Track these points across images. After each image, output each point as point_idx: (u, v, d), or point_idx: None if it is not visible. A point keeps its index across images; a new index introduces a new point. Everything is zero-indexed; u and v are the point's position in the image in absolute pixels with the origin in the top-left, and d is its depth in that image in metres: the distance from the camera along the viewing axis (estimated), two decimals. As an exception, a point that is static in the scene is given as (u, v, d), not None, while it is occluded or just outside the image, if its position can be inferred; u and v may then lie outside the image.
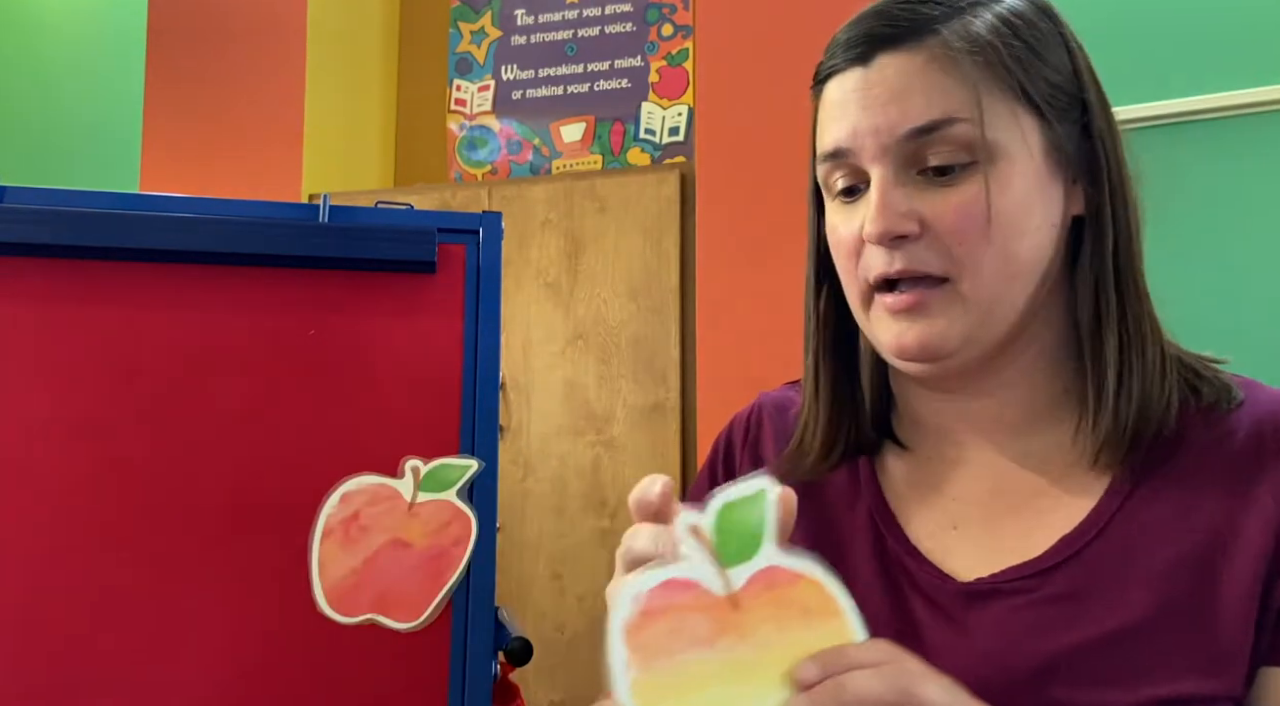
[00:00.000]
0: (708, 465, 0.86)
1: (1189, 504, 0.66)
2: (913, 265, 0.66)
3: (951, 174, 0.65)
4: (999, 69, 0.66)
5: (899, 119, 0.65)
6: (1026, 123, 0.67)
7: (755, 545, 0.53)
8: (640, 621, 0.53)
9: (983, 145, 0.65)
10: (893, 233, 0.65)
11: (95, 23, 3.10)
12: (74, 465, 0.79)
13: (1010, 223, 0.65)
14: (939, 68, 0.66)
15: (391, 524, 0.74)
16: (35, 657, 0.76)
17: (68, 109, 3.07)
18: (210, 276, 0.84)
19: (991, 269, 0.65)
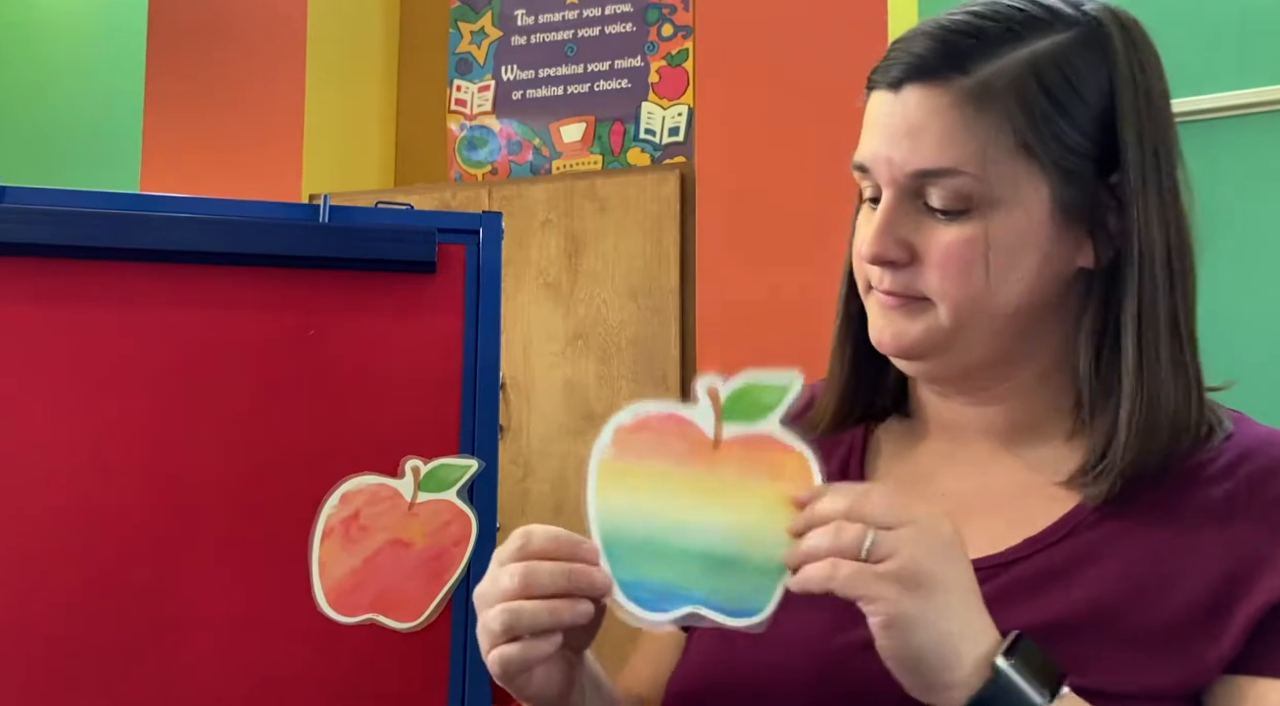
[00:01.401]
0: None
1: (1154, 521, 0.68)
2: (897, 288, 0.70)
3: (948, 215, 0.68)
4: (1017, 124, 0.67)
5: (909, 156, 0.68)
6: (1034, 180, 0.68)
7: (759, 416, 0.62)
8: (632, 427, 0.64)
9: (981, 198, 0.67)
10: (882, 258, 0.70)
11: (95, 22, 3.09)
12: (74, 465, 0.79)
13: (994, 267, 0.68)
14: (957, 113, 0.67)
15: (391, 524, 0.74)
16: (35, 656, 0.76)
17: (68, 109, 3.07)
18: (210, 276, 0.84)
19: (961, 304, 0.69)
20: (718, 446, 0.62)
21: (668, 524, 0.62)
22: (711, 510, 0.61)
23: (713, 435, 0.62)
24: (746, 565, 0.60)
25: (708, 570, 0.60)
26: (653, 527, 0.62)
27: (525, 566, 0.61)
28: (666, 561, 0.61)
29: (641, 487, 0.63)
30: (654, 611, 0.60)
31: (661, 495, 0.62)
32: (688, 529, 0.61)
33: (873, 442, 0.80)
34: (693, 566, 0.60)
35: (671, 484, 0.62)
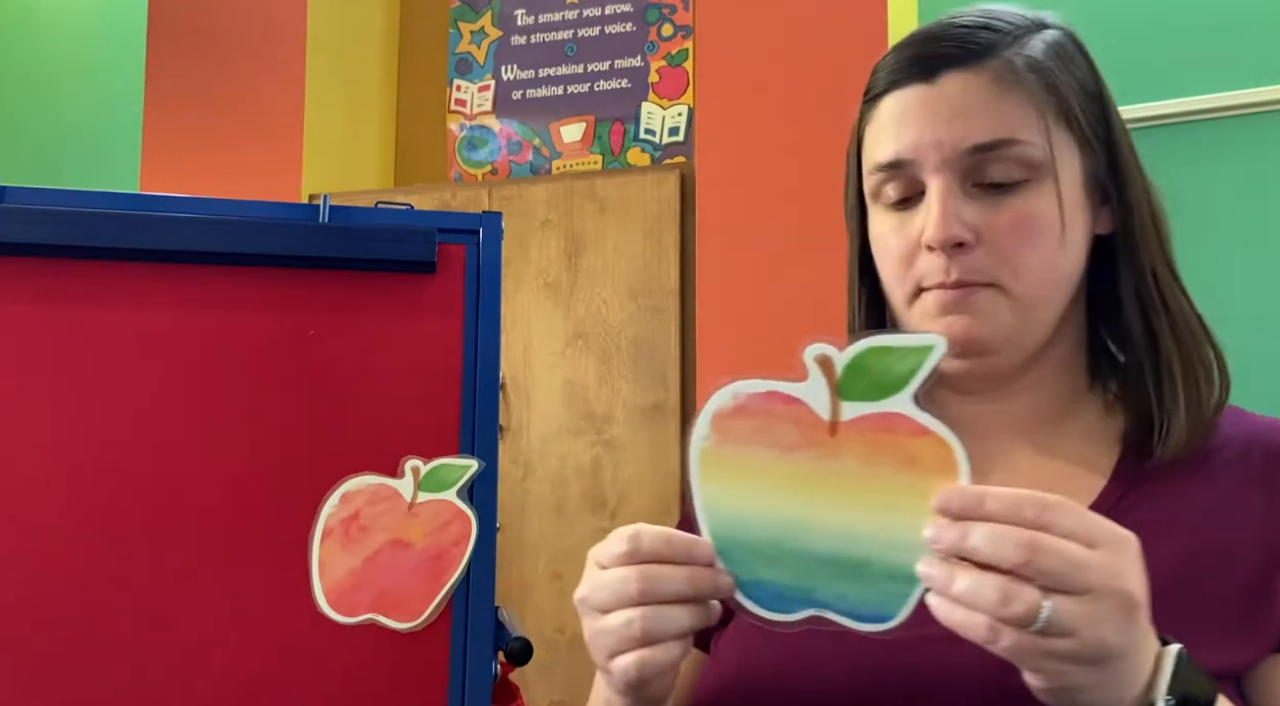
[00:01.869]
0: None
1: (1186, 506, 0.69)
2: (966, 276, 0.70)
3: (1005, 189, 0.70)
4: (1054, 93, 0.71)
5: (963, 134, 0.69)
6: (1069, 146, 0.71)
7: (888, 391, 0.52)
8: (732, 412, 0.56)
9: (1039, 164, 0.69)
10: (955, 239, 0.69)
11: (95, 23, 3.09)
12: (74, 465, 0.79)
13: (1056, 235, 0.70)
14: (1002, 88, 0.70)
15: (391, 524, 0.74)
16: (34, 657, 0.76)
17: (68, 109, 3.07)
18: (210, 276, 0.84)
19: (1037, 276, 0.70)
20: (835, 430, 0.53)
21: (785, 522, 0.54)
22: (834, 507, 0.53)
23: (828, 416, 0.53)
24: (876, 570, 0.53)
25: (833, 574, 0.54)
26: (769, 526, 0.55)
27: (644, 570, 0.58)
28: (786, 563, 0.55)
29: (751, 480, 0.55)
30: (776, 612, 0.56)
31: (775, 489, 0.54)
32: (808, 529, 0.54)
33: None
34: (815, 569, 0.54)
35: (784, 476, 0.54)
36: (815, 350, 0.54)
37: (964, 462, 0.51)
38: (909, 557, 0.51)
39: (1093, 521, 0.51)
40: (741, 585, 0.56)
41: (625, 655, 0.58)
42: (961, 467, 0.51)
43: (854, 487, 0.53)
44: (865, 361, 0.53)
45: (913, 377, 0.52)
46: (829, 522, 0.53)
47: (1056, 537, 0.49)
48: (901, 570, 0.52)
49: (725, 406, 0.56)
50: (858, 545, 0.53)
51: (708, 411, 0.56)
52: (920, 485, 0.51)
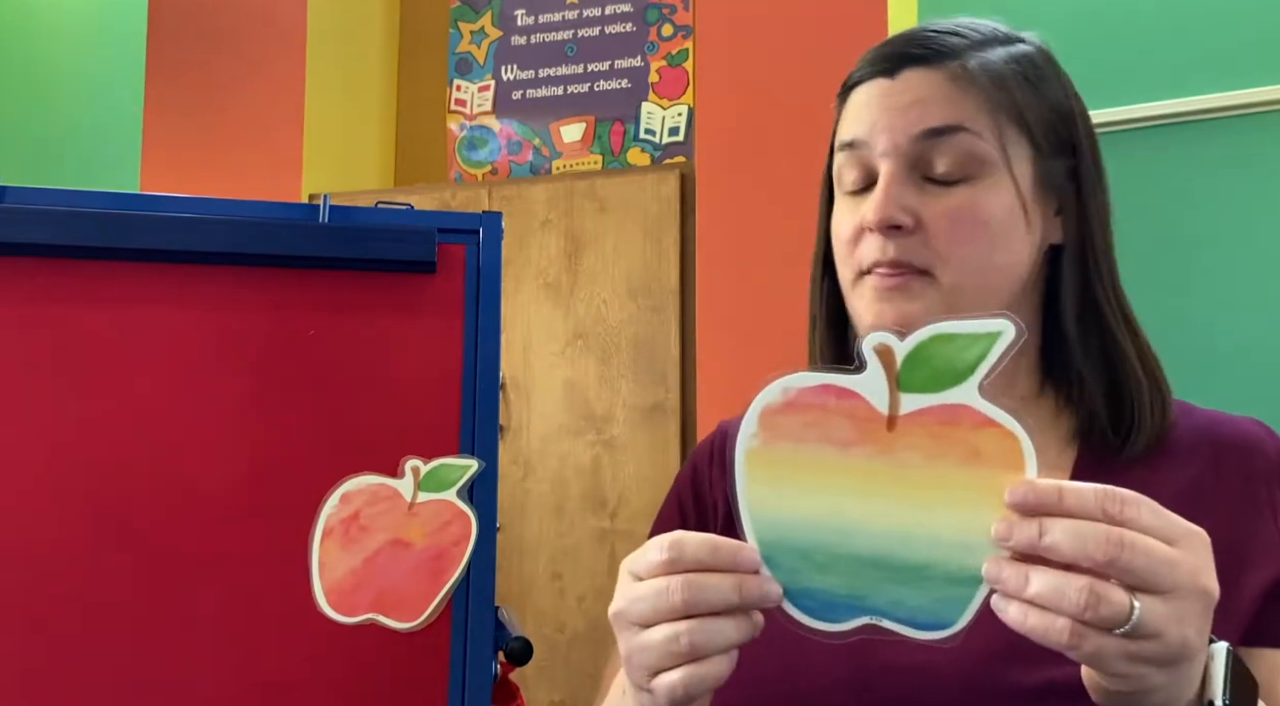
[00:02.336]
0: (673, 499, 0.86)
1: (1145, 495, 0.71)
2: (902, 256, 0.72)
3: (951, 182, 0.72)
4: (1007, 96, 0.73)
5: (916, 120, 0.73)
6: (1021, 150, 0.74)
7: (950, 382, 0.49)
8: (782, 407, 0.52)
9: (983, 159, 0.72)
10: (890, 221, 0.72)
11: (95, 23, 3.09)
12: (74, 465, 0.79)
13: (991, 232, 0.72)
14: (956, 85, 0.73)
15: (391, 524, 0.74)
16: (34, 657, 0.76)
17: (68, 109, 3.07)
18: (210, 276, 0.84)
19: (970, 267, 0.72)
20: (894, 424, 0.50)
21: (837, 525, 0.51)
22: (890, 507, 0.50)
23: (886, 409, 0.50)
24: (936, 573, 0.50)
25: (888, 579, 0.51)
26: (820, 530, 0.52)
27: (688, 580, 0.53)
28: (837, 569, 0.51)
29: (801, 480, 0.52)
30: (826, 621, 0.52)
31: (827, 490, 0.51)
32: (862, 531, 0.51)
33: None
34: (869, 574, 0.51)
35: (838, 475, 0.51)
36: (875, 339, 0.51)
37: (1031, 456, 0.48)
38: (972, 559, 0.49)
39: (1169, 517, 0.49)
40: (789, 594, 0.53)
41: (670, 672, 0.54)
42: (1029, 461, 0.48)
43: (912, 485, 0.50)
44: (927, 350, 0.50)
45: (978, 366, 0.49)
46: (884, 524, 0.50)
47: (1140, 534, 0.47)
48: (963, 573, 0.49)
49: (775, 402, 0.52)
50: (915, 547, 0.50)
51: (756, 407, 0.52)
52: (985, 480, 0.48)
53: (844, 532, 0.51)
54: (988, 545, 0.48)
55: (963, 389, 0.49)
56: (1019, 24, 0.80)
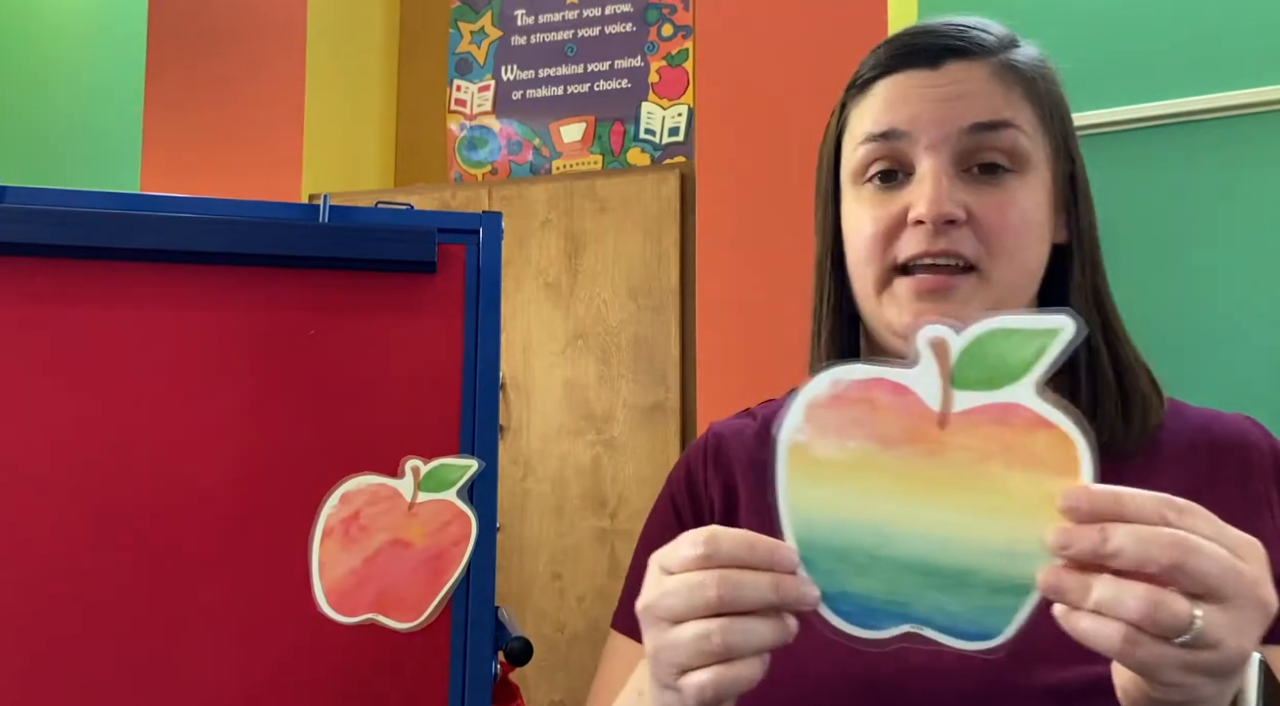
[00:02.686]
0: (665, 499, 0.85)
1: None
2: (954, 247, 0.70)
3: (995, 174, 0.72)
4: (1039, 98, 0.74)
5: (965, 113, 0.72)
6: (1049, 149, 0.75)
7: (1007, 380, 0.47)
8: (829, 401, 0.50)
9: (1027, 156, 0.72)
10: (948, 215, 0.70)
11: (95, 23, 3.09)
12: (74, 465, 0.79)
13: (1032, 229, 0.73)
14: (1002, 80, 0.73)
15: (391, 524, 0.74)
16: (34, 657, 0.76)
17: (68, 109, 3.07)
18: (210, 276, 0.84)
19: (1018, 264, 0.72)
20: (946, 422, 0.48)
21: (879, 526, 0.49)
22: (937, 508, 0.48)
23: (939, 406, 0.49)
24: (982, 580, 0.48)
25: (931, 585, 0.49)
26: (861, 531, 0.50)
27: (723, 576, 0.51)
28: (878, 573, 0.50)
29: (845, 479, 0.50)
30: (865, 628, 0.51)
31: (871, 489, 0.49)
32: (905, 534, 0.49)
33: None
34: (912, 579, 0.49)
35: (884, 473, 0.49)
36: (930, 332, 0.48)
37: (1088, 460, 0.46)
38: (1019, 567, 0.47)
39: (1225, 526, 0.48)
40: (826, 597, 0.51)
41: (699, 671, 0.51)
42: (1084, 465, 0.46)
43: (961, 487, 0.48)
44: (985, 345, 0.48)
45: (1036, 363, 0.47)
46: (929, 527, 0.48)
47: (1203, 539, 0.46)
48: (1010, 580, 0.47)
49: (821, 395, 0.50)
50: (960, 552, 0.48)
51: (801, 400, 0.50)
52: (1038, 485, 0.46)
53: (886, 535, 0.49)
54: (1038, 553, 0.46)
55: (1019, 387, 0.47)
56: (1020, 24, 0.80)
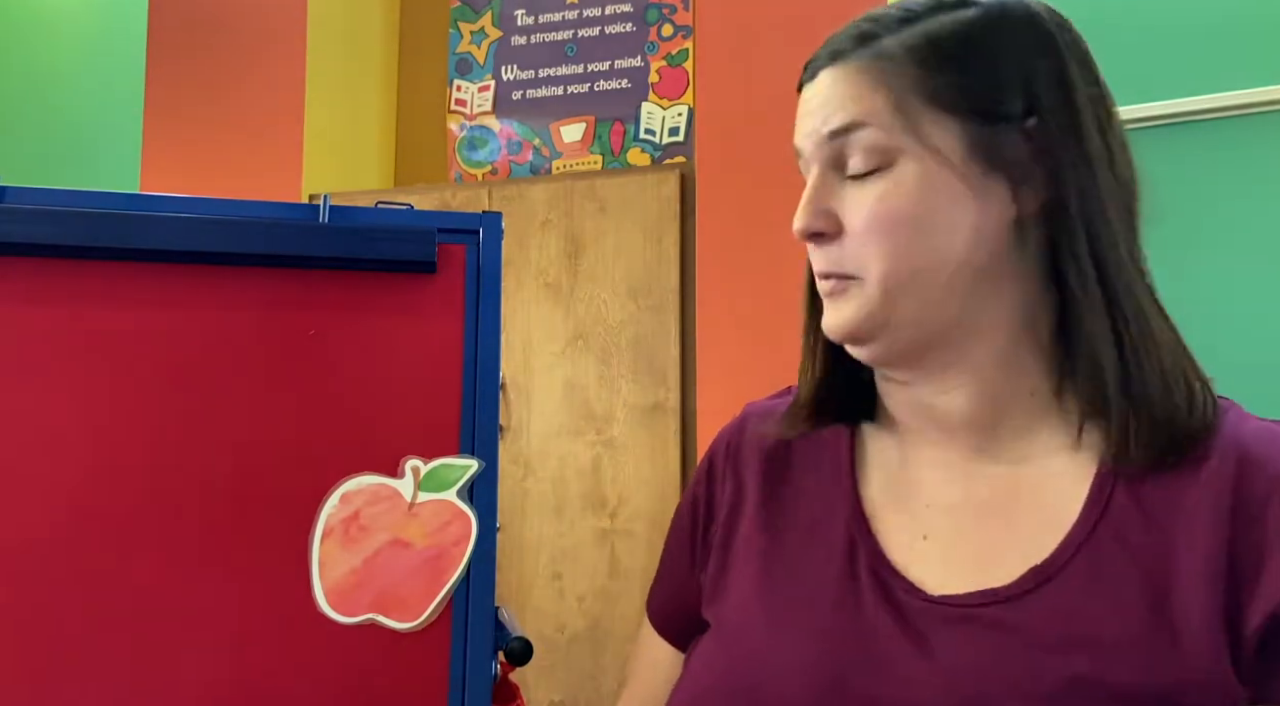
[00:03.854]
0: (694, 481, 0.86)
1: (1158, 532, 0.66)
2: (829, 267, 0.72)
3: (865, 178, 0.70)
4: (917, 77, 0.69)
5: (821, 123, 0.72)
6: (943, 128, 0.69)
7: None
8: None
9: (888, 149, 0.69)
10: (809, 229, 0.71)
11: (95, 23, 3.09)
12: (74, 465, 0.79)
13: (912, 222, 0.68)
14: (858, 77, 0.71)
15: (391, 524, 0.74)
16: (34, 656, 0.76)
17: (68, 109, 3.07)
18: (210, 276, 0.84)
19: (894, 266, 0.69)
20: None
21: None
22: None
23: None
24: None
25: None
26: None
27: None
28: None
29: None
30: None
31: None
32: None
33: (859, 447, 0.79)
34: None
35: None
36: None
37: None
38: None
39: None
40: None
41: None
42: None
43: None
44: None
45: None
46: None
47: None
48: None
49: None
50: None
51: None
52: None
53: None
54: None
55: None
56: None
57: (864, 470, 0.77)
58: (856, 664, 0.67)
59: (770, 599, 0.73)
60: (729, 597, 0.76)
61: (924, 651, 0.66)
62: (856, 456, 0.78)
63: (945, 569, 0.70)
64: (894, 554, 0.72)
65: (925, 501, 0.73)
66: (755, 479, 0.80)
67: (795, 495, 0.78)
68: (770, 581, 0.74)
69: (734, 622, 0.75)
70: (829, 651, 0.68)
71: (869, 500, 0.75)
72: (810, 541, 0.75)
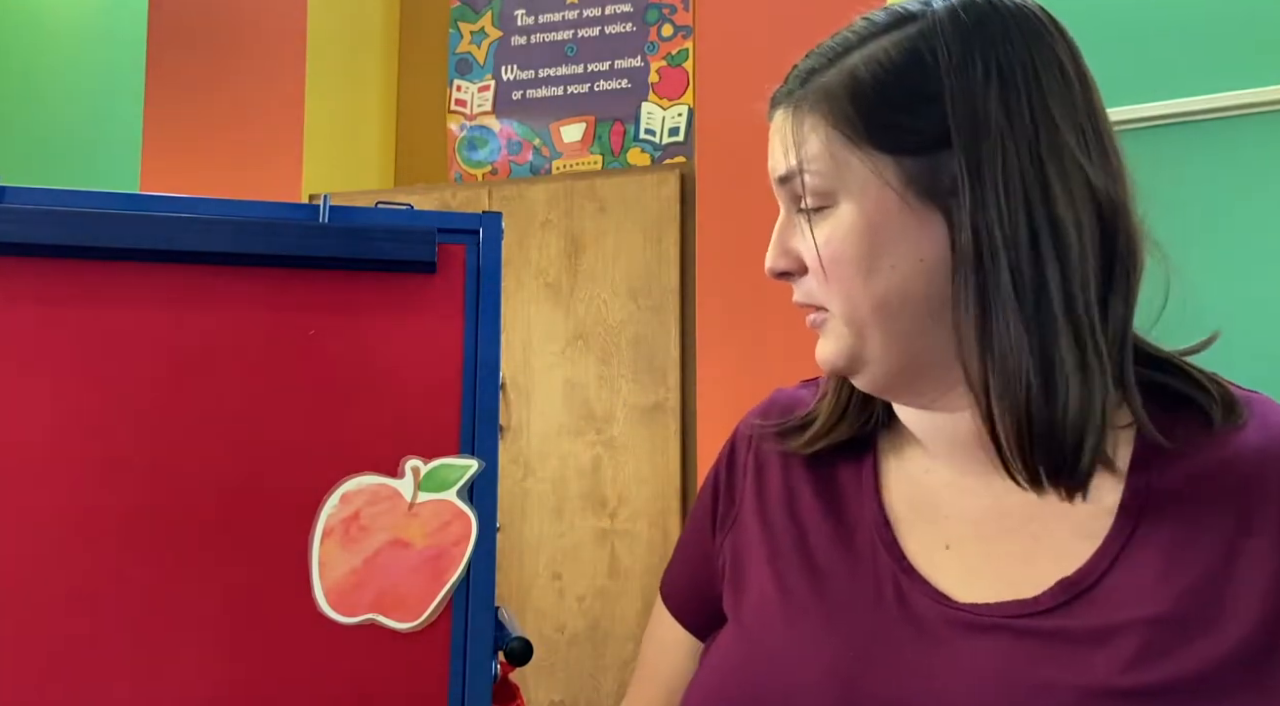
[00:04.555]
0: (717, 463, 0.87)
1: (1190, 538, 0.65)
2: (803, 299, 0.75)
3: (815, 214, 0.71)
4: (846, 116, 0.69)
5: (772, 167, 0.76)
6: (875, 165, 0.68)
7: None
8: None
9: (826, 191, 0.70)
10: (775, 270, 0.76)
11: (95, 23, 3.09)
12: (73, 465, 0.79)
13: (855, 262, 0.69)
14: (794, 122, 0.73)
15: (391, 524, 0.74)
16: (33, 657, 0.76)
17: (68, 109, 3.07)
18: (210, 276, 0.84)
19: (851, 301, 0.70)
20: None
21: None
22: None
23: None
24: None
25: None
26: None
27: None
28: None
29: None
30: None
31: None
32: None
33: (881, 455, 0.78)
34: None
35: None
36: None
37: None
38: None
39: None
40: None
41: None
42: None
43: None
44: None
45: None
46: None
47: None
48: None
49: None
50: None
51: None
52: None
53: None
54: None
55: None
56: None
57: (886, 478, 0.77)
58: (876, 668, 0.66)
59: (789, 600, 0.73)
60: (748, 594, 0.76)
61: (946, 658, 0.66)
62: (880, 465, 0.78)
63: (970, 578, 0.69)
64: (918, 561, 0.71)
65: (946, 512, 0.73)
66: (777, 474, 0.80)
67: (816, 495, 0.78)
68: (790, 582, 0.74)
69: (753, 622, 0.74)
70: (848, 655, 0.68)
71: (890, 507, 0.75)
72: (833, 544, 0.74)
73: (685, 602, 0.86)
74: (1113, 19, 2.03)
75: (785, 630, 0.71)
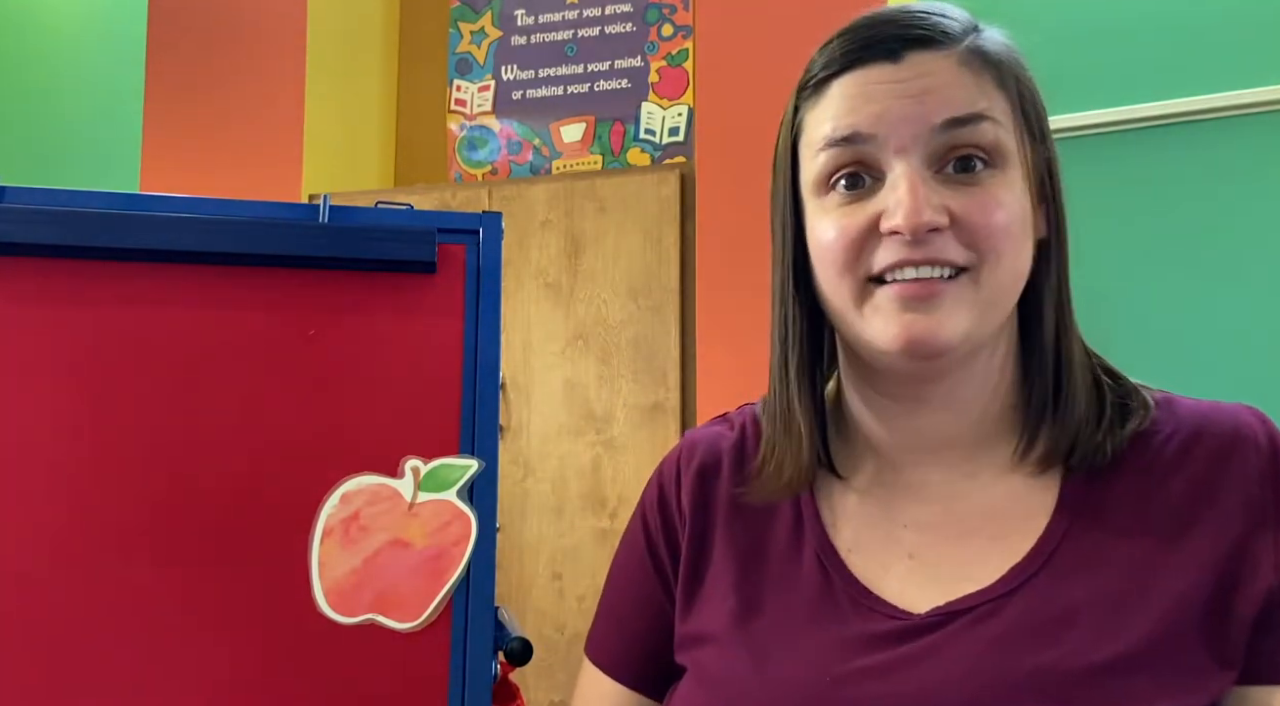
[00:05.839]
0: (637, 520, 0.84)
1: (1129, 525, 0.67)
2: (938, 254, 0.65)
3: (973, 171, 0.65)
4: (1010, 84, 0.68)
5: (936, 108, 0.65)
6: (1022, 140, 0.68)
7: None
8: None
9: (1004, 149, 0.66)
10: (929, 225, 0.64)
11: (95, 23, 3.09)
12: (73, 464, 0.79)
13: (1016, 226, 0.66)
14: (967, 70, 0.66)
15: (391, 524, 0.74)
16: (32, 657, 0.76)
17: (68, 109, 3.07)
18: (210, 276, 0.84)
19: (1004, 267, 0.66)
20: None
21: None
22: None
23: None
24: None
25: None
26: None
27: None
28: None
29: None
30: None
31: None
32: None
33: (819, 493, 0.76)
34: None
35: None
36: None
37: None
38: None
39: None
40: None
41: None
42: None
43: None
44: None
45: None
46: None
47: None
48: None
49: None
50: None
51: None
52: None
53: None
54: None
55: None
56: (1018, 25, 0.77)
57: (828, 502, 0.75)
58: (843, 683, 0.66)
59: (750, 642, 0.71)
60: (706, 643, 0.74)
61: (912, 662, 0.66)
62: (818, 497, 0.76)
63: (934, 586, 0.69)
64: (875, 580, 0.70)
65: (903, 523, 0.72)
66: (721, 518, 0.77)
67: (762, 534, 0.76)
68: (750, 624, 0.72)
69: (716, 668, 0.72)
70: (818, 690, 0.67)
71: (836, 532, 0.73)
72: (781, 579, 0.73)
73: (620, 657, 0.83)
74: (1112, 19, 2.03)
75: (753, 675, 0.70)
